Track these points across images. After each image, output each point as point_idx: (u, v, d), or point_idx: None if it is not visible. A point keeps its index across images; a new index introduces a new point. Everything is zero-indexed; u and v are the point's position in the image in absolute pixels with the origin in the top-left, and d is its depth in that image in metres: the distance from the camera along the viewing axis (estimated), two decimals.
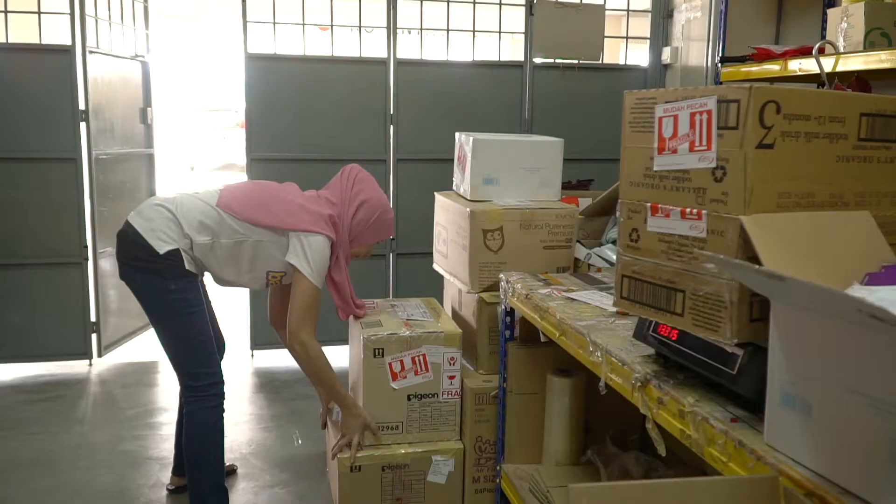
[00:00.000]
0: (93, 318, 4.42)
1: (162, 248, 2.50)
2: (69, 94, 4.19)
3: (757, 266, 1.13)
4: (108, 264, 4.54)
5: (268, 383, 4.21)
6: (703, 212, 1.34)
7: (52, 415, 3.74)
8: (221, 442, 2.70)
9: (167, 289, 2.52)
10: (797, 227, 1.29)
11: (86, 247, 4.35)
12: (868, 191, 1.40)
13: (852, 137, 1.36)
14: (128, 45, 4.76)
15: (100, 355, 4.48)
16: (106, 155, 4.47)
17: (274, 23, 4.33)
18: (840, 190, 1.36)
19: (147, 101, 4.95)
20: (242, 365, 4.48)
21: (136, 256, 2.54)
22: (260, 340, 4.55)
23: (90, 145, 4.27)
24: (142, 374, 4.35)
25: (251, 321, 4.53)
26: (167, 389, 4.12)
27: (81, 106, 4.21)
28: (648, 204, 1.47)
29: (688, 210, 1.37)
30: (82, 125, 4.23)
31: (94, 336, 4.44)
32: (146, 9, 4.92)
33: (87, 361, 4.45)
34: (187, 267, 2.54)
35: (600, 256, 2.89)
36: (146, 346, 4.76)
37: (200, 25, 11.76)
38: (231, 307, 5.65)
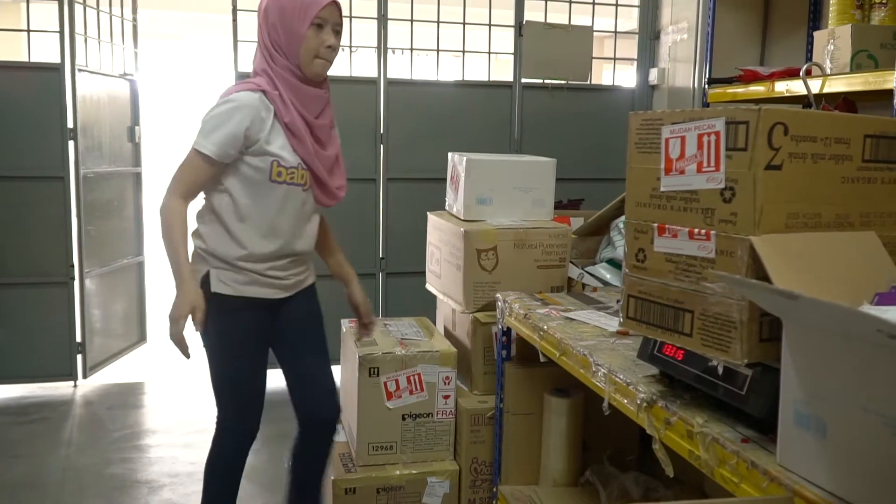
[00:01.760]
0: (78, 339, 4.37)
1: (197, 277, 2.23)
2: (57, 112, 4.17)
3: (771, 285, 1.13)
4: (94, 284, 4.50)
5: None
6: (712, 232, 1.35)
7: (38, 437, 3.68)
8: (217, 484, 2.48)
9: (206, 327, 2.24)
10: (805, 248, 1.30)
11: (72, 266, 4.30)
12: (873, 211, 1.41)
13: (857, 158, 1.37)
14: (116, 64, 4.74)
15: (85, 376, 4.42)
16: (93, 173, 4.44)
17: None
18: (846, 210, 1.38)
19: (135, 119, 4.93)
20: None
21: None
22: None
23: (78, 163, 4.25)
24: (128, 396, 4.30)
25: None
26: (154, 411, 4.08)
27: (69, 124, 4.19)
28: (655, 224, 1.47)
29: (696, 230, 1.38)
30: (70, 143, 4.20)
31: (79, 357, 4.39)
32: (135, 27, 4.90)
33: (72, 383, 4.40)
34: (215, 288, 2.21)
35: (594, 275, 2.90)
36: (132, 367, 4.71)
37: (186, 45, 11.75)
38: None
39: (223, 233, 2.19)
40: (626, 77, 4.93)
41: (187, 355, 2.17)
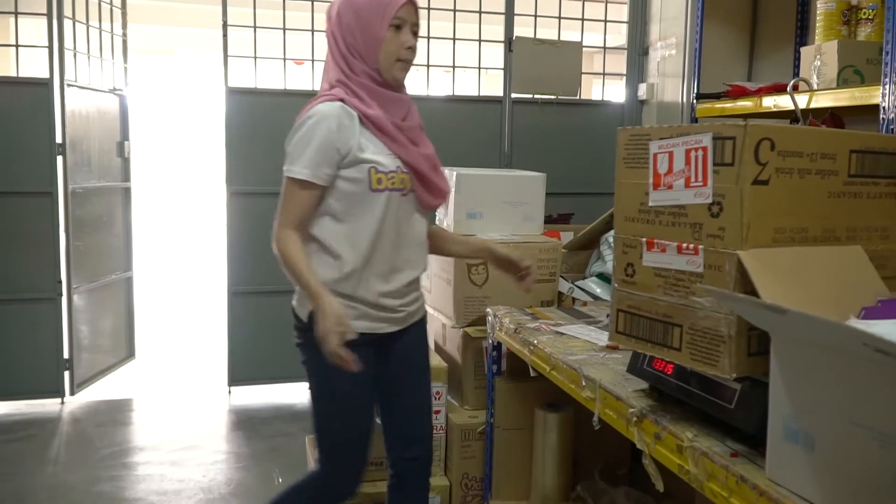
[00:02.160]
0: (66, 355, 4.34)
1: (304, 313, 2.03)
2: (46, 127, 4.15)
3: (759, 299, 1.14)
4: (82, 300, 4.47)
5: (246, 420, 4.14)
6: (700, 247, 1.35)
7: (25, 455, 3.65)
8: None
9: (312, 368, 2.06)
10: (793, 262, 1.31)
11: (60, 282, 4.27)
12: (859, 225, 1.43)
13: (843, 173, 1.39)
14: (106, 79, 4.74)
15: (72, 393, 4.39)
16: (82, 188, 4.42)
17: (255, 57, 4.34)
18: (832, 225, 1.39)
19: (124, 134, 4.92)
20: (219, 402, 4.41)
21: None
22: (238, 376, 4.48)
23: (66, 179, 4.23)
24: (116, 413, 4.27)
25: (229, 356, 4.47)
26: (142, 428, 4.05)
27: (58, 139, 4.17)
28: (644, 239, 1.48)
29: (684, 245, 1.38)
30: (59, 158, 4.19)
31: (66, 373, 4.35)
32: (125, 42, 4.90)
33: (59, 400, 4.36)
34: None
35: (584, 290, 2.91)
36: (121, 384, 4.68)
37: (177, 60, 11.77)
38: (207, 341, 5.61)
39: (328, 260, 1.98)
40: (615, 92, 4.95)
41: (354, 367, 1.83)
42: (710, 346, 1.34)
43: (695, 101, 3.76)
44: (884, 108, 2.51)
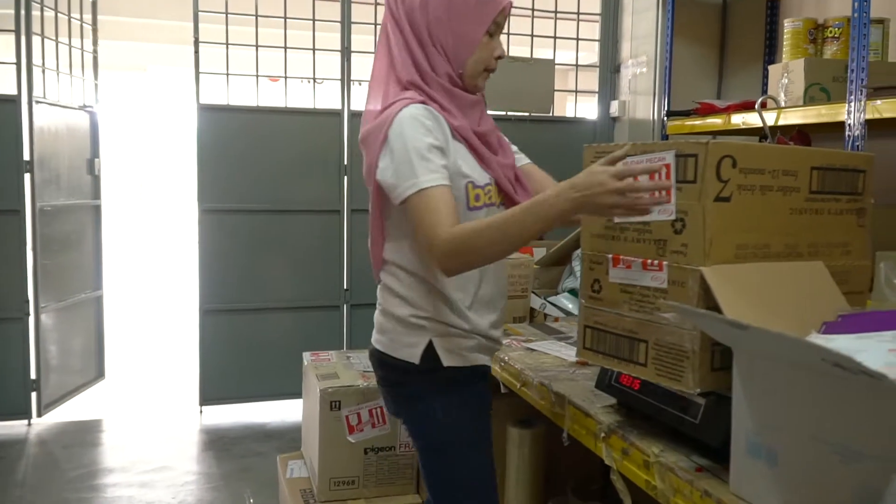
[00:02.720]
0: (33, 376, 4.27)
1: (413, 355, 1.71)
2: (13, 144, 4.10)
3: (721, 315, 1.14)
4: (50, 319, 4.41)
5: (217, 440, 4.09)
6: (665, 263, 1.36)
7: None
8: None
9: (434, 417, 1.73)
10: (755, 278, 1.32)
11: (27, 301, 4.21)
12: (820, 241, 1.44)
13: (804, 190, 1.40)
14: (76, 96, 4.70)
15: (39, 415, 4.31)
16: (51, 206, 4.37)
17: (227, 74, 4.32)
18: (794, 241, 1.40)
19: (95, 151, 4.88)
20: (190, 422, 4.36)
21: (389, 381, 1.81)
22: (209, 396, 4.43)
23: (34, 196, 4.18)
24: (85, 434, 4.20)
25: (200, 375, 4.42)
26: (111, 449, 3.99)
27: (26, 156, 4.12)
28: (610, 255, 1.48)
29: (649, 261, 1.39)
30: (27, 176, 4.14)
31: (33, 394, 4.28)
32: (95, 59, 4.87)
33: (26, 421, 4.28)
34: (447, 362, 1.70)
35: (556, 305, 2.91)
36: (89, 404, 4.61)
37: (149, 77, 11.71)
38: (178, 360, 5.55)
39: (429, 290, 1.70)
40: (587, 109, 4.99)
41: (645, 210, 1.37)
42: (674, 362, 1.34)
43: (665, 118, 3.80)
44: (849, 125, 2.55)
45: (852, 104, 2.55)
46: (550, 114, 4.71)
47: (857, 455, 1.01)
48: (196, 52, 4.24)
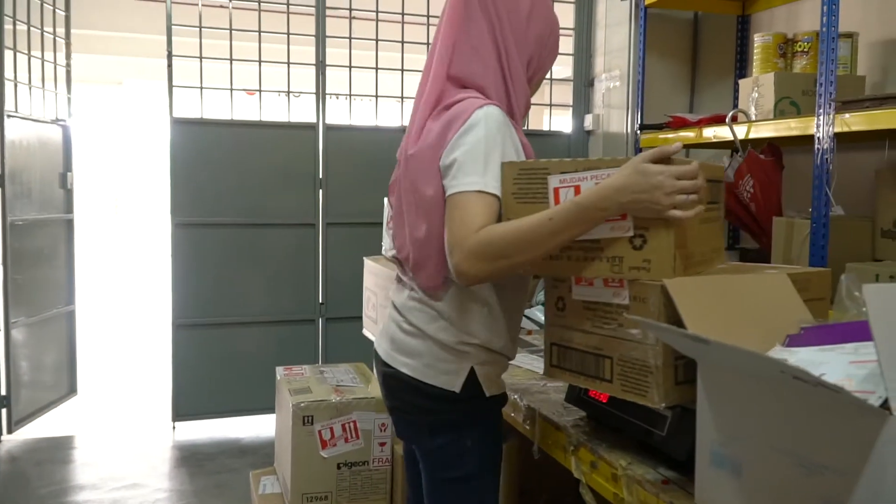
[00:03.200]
0: (3, 392, 4.21)
1: (453, 382, 1.58)
2: None
3: (684, 330, 1.15)
4: (21, 334, 4.36)
5: (190, 456, 4.05)
6: (625, 280, 1.36)
7: None
8: None
9: (464, 446, 1.61)
10: (717, 291, 1.33)
11: None
12: (708, 247, 1.49)
13: (704, 202, 1.42)
14: (49, 109, 4.66)
15: (10, 431, 4.25)
16: (22, 220, 4.32)
17: (201, 87, 4.31)
18: (701, 249, 1.44)
19: (67, 165, 4.84)
20: (163, 438, 4.31)
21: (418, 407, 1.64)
22: (182, 411, 4.39)
23: (5, 210, 4.13)
24: (56, 451, 4.14)
25: (173, 390, 4.38)
26: (83, 466, 3.93)
27: None
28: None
29: (610, 279, 1.39)
30: None
31: (3, 411, 4.22)
32: (68, 73, 4.84)
33: None
34: (490, 391, 1.61)
35: (530, 318, 2.91)
36: (61, 421, 4.55)
37: (125, 90, 11.65)
38: (152, 376, 5.49)
39: (488, 313, 1.57)
40: (562, 122, 5.02)
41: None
42: (639, 377, 1.34)
43: (639, 131, 3.83)
44: (818, 138, 2.58)
45: (821, 118, 2.58)
46: (525, 127, 4.73)
47: (819, 467, 1.01)
48: (169, 65, 4.22)
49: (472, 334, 1.56)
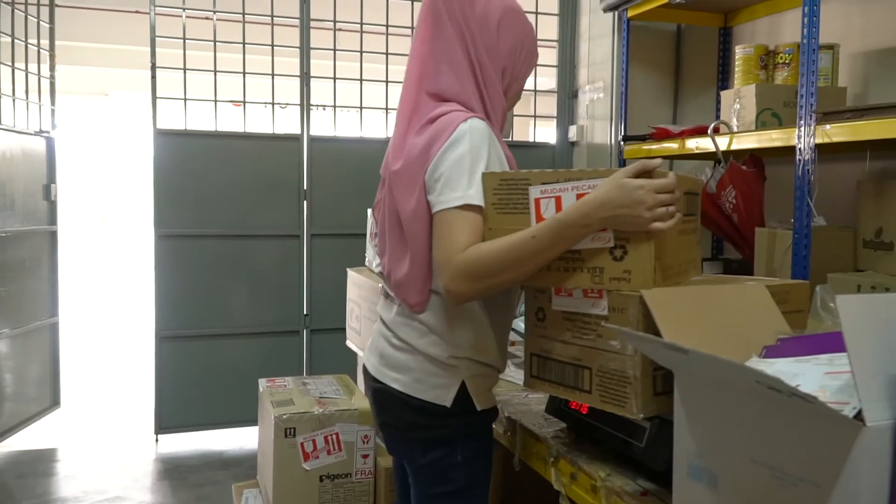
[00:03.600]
0: None
1: (444, 397, 1.57)
2: None
3: (662, 339, 1.15)
4: (4, 346, 4.32)
5: (173, 469, 4.02)
6: (605, 290, 1.36)
7: None
8: None
9: (455, 461, 1.60)
10: (695, 301, 1.33)
11: None
12: (686, 259, 1.50)
13: (681, 213, 1.43)
14: (32, 121, 4.64)
15: None
16: (5, 232, 4.29)
17: (185, 99, 4.30)
18: (680, 260, 1.45)
19: (51, 177, 4.81)
20: (146, 451, 4.28)
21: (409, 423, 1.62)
22: (165, 424, 4.35)
23: None
24: (38, 463, 4.10)
25: (156, 403, 4.34)
26: (66, 479, 3.90)
27: None
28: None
29: (590, 289, 1.39)
30: None
31: None
32: (52, 85, 4.82)
33: None
34: (481, 405, 1.60)
35: (514, 329, 2.91)
36: (44, 433, 4.51)
37: (111, 102, 11.61)
38: (135, 388, 5.45)
39: (477, 326, 1.57)
40: (547, 134, 5.03)
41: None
42: (617, 388, 1.34)
43: (622, 142, 3.84)
44: (799, 149, 2.60)
45: (802, 129, 2.59)
46: (510, 138, 4.75)
47: (794, 479, 1.01)
48: (153, 77, 4.22)
49: (462, 348, 1.55)
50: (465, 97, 1.55)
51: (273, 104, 4.45)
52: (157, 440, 4.38)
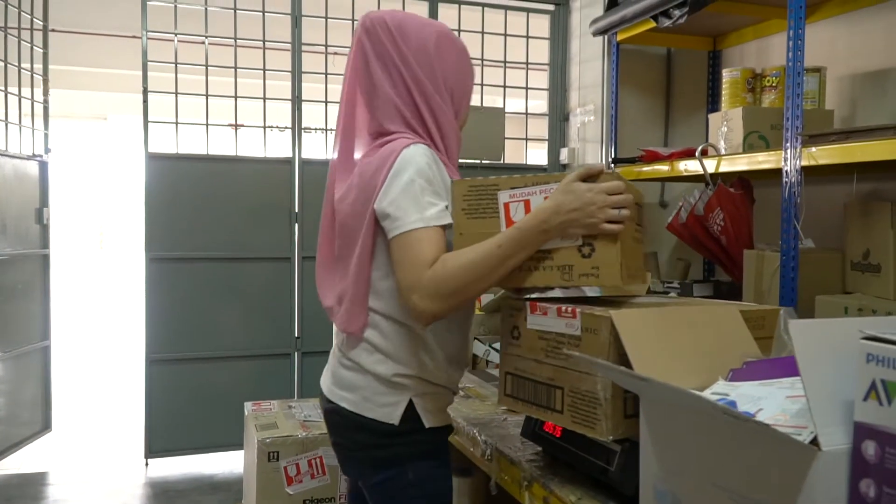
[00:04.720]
0: None
1: (391, 415, 1.58)
2: None
3: (622, 368, 1.15)
4: None
5: (162, 493, 3.99)
6: (578, 310, 1.37)
7: None
8: None
9: (405, 481, 1.59)
10: (665, 323, 1.33)
11: None
12: (637, 265, 1.52)
13: (635, 222, 1.48)
14: (25, 145, 4.66)
15: None
16: None
17: (176, 123, 4.32)
18: (636, 265, 1.49)
19: (44, 200, 4.82)
20: (135, 474, 4.25)
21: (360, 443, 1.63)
22: (155, 447, 4.33)
23: None
24: (28, 487, 4.08)
25: (146, 427, 4.32)
26: (56, 503, 3.87)
27: None
28: (527, 302, 1.48)
29: (563, 308, 1.39)
30: None
31: None
32: (46, 109, 4.84)
33: None
34: (429, 423, 1.59)
35: (499, 352, 2.90)
36: (35, 457, 4.48)
37: (109, 126, 11.68)
38: (126, 411, 5.43)
39: (418, 345, 1.57)
40: (538, 156, 5.05)
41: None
42: (588, 409, 1.34)
43: (613, 164, 3.85)
44: (786, 171, 2.60)
45: (788, 151, 2.60)
46: (502, 161, 4.76)
47: (754, 503, 1.01)
48: (145, 101, 4.24)
49: (407, 365, 1.57)
50: (407, 126, 1.58)
51: (265, 127, 4.47)
52: (146, 464, 4.36)
